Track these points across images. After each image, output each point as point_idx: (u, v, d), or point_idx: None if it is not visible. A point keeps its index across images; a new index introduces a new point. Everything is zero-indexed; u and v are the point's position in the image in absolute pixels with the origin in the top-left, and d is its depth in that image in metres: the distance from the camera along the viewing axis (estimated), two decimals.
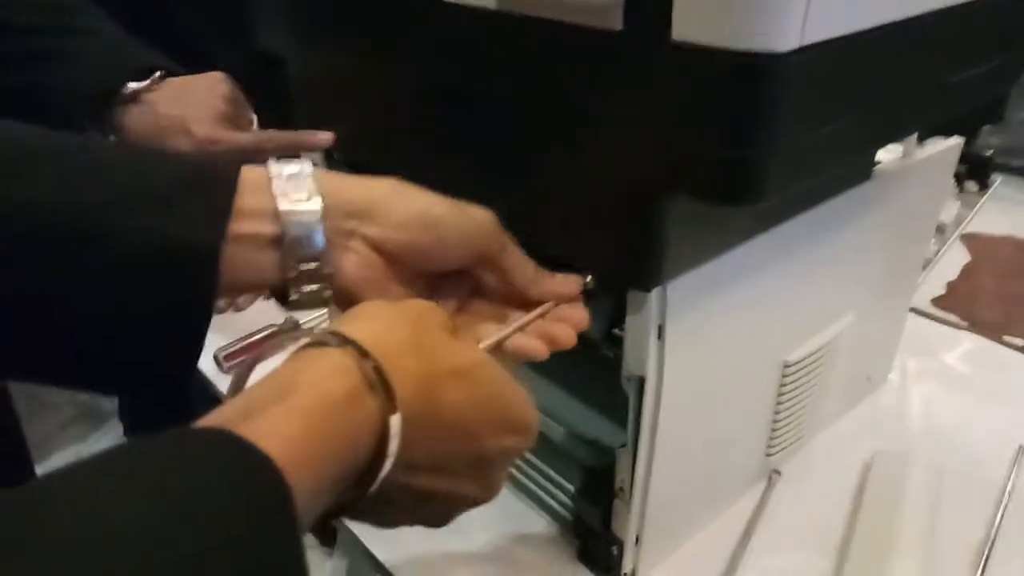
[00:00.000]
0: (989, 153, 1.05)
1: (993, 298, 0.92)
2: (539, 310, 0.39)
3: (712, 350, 0.46)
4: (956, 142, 0.58)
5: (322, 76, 0.58)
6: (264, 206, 0.34)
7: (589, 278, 0.41)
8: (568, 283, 0.41)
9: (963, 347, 0.76)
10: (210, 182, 0.33)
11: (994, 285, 0.94)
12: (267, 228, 0.34)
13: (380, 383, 0.29)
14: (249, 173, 0.34)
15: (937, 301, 0.86)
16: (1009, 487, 0.58)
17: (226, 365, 0.71)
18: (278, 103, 0.75)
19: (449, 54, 0.43)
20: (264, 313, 0.78)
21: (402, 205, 0.37)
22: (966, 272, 0.93)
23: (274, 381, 0.28)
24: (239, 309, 0.79)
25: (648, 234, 0.37)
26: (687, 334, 0.42)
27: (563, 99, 0.38)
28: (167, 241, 0.31)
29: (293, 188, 0.34)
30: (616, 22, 0.33)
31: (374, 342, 0.30)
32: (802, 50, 0.31)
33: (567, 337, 0.39)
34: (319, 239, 0.35)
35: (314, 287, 0.35)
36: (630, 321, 0.41)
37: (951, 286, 0.89)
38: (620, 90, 0.35)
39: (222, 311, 0.78)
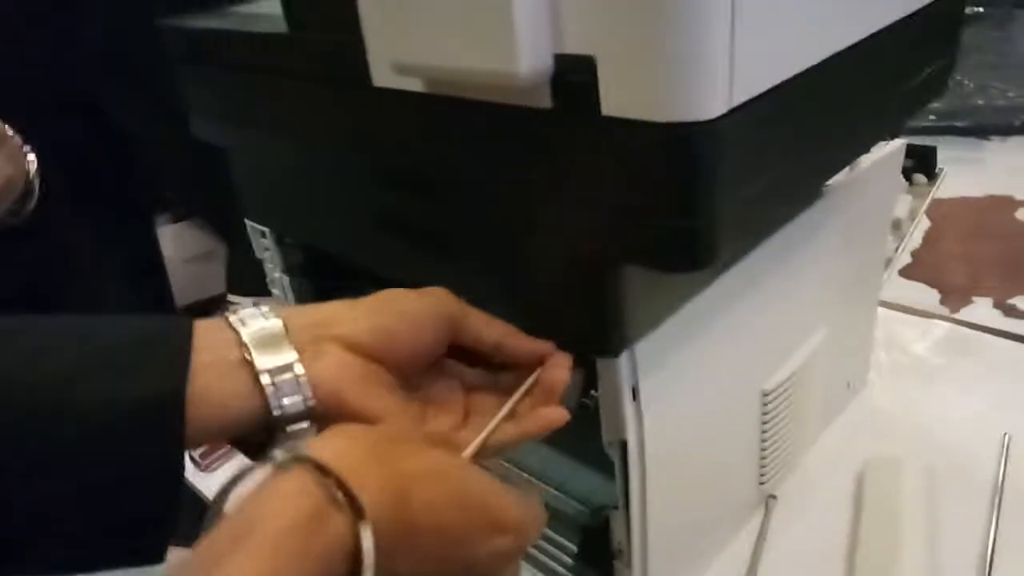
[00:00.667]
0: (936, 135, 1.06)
1: (958, 261, 0.94)
2: (511, 400, 0.39)
3: (689, 399, 0.45)
4: (899, 144, 0.58)
5: (262, 162, 0.57)
6: (225, 336, 0.34)
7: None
8: (540, 344, 0.40)
9: (934, 336, 0.76)
10: (163, 333, 0.33)
11: (958, 248, 0.96)
12: (233, 353, 0.33)
13: (345, 497, 0.28)
14: (202, 320, 0.34)
15: (904, 271, 0.87)
16: (1001, 479, 0.58)
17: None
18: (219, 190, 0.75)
19: (385, 137, 0.42)
20: None
21: (360, 304, 0.37)
22: (929, 239, 0.94)
23: (237, 518, 0.27)
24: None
25: (608, 301, 0.37)
26: (661, 390, 0.42)
27: (504, 176, 0.37)
28: (123, 401, 0.30)
29: (250, 316, 0.35)
30: (544, 100, 0.33)
31: (334, 457, 0.29)
32: (732, 112, 0.30)
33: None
34: (288, 348, 0.34)
35: (296, 399, 0.33)
36: (603, 387, 0.40)
37: (916, 255, 0.91)
38: (558, 166, 0.34)
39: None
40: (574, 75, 0.31)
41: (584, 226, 0.35)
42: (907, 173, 0.99)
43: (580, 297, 0.37)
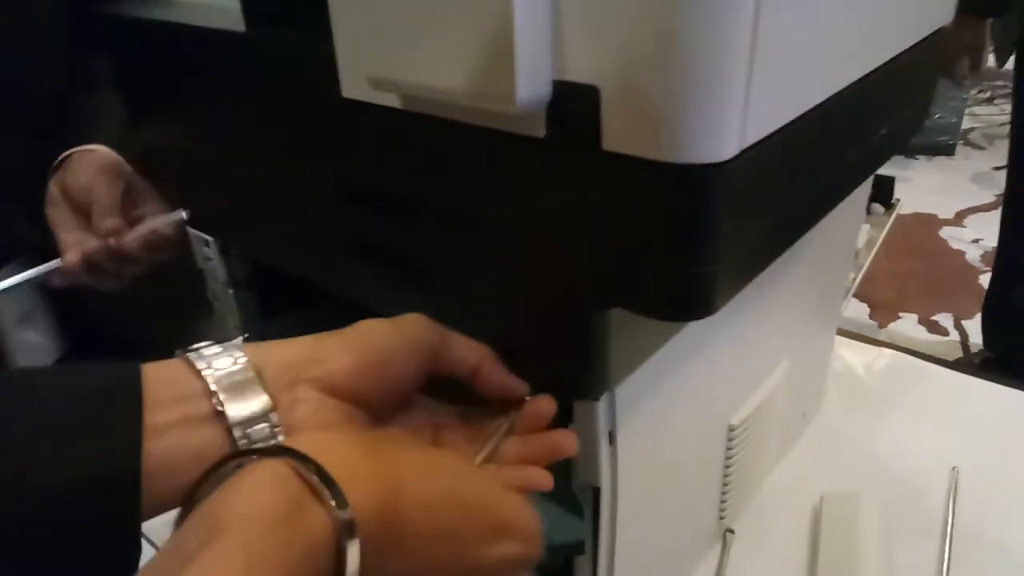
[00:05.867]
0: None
1: (887, 276, 0.96)
2: (513, 416, 0.36)
3: (661, 440, 0.43)
4: None
5: (208, 167, 0.53)
6: (189, 387, 0.30)
7: (527, 398, 0.37)
8: (515, 383, 0.37)
9: (883, 364, 0.76)
10: (110, 392, 0.29)
11: (887, 263, 0.98)
12: (200, 406, 0.29)
13: (326, 486, 0.25)
14: (156, 365, 0.30)
15: None
16: (951, 513, 0.58)
17: None
18: None
19: (353, 153, 0.39)
20: None
21: (334, 340, 0.34)
22: (860, 252, 0.94)
23: (207, 513, 0.25)
24: None
25: (592, 344, 0.34)
26: (637, 432, 0.40)
27: (486, 204, 0.34)
28: (69, 480, 0.26)
29: (216, 357, 0.31)
30: (538, 129, 0.30)
31: (317, 447, 0.26)
32: (742, 152, 0.28)
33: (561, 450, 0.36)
34: (261, 395, 0.30)
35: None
36: (579, 431, 0.38)
37: None
38: (548, 198, 0.32)
39: None
40: (574, 105, 0.29)
41: (572, 265, 0.32)
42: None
43: (562, 337, 0.35)
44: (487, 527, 0.30)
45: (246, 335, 0.61)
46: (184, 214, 0.56)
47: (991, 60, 1.14)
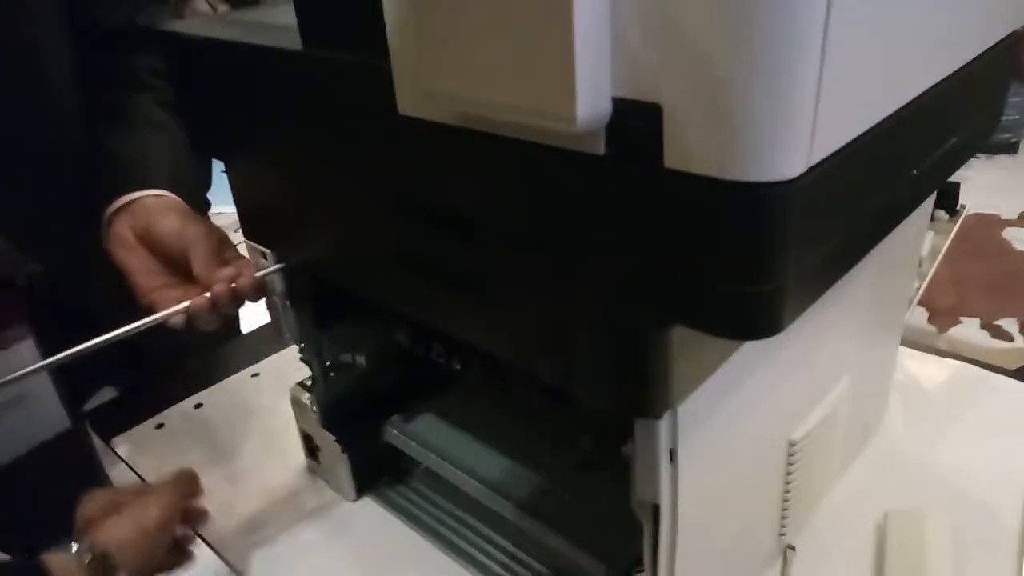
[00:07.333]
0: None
1: (947, 278, 0.92)
2: None
3: (722, 457, 0.42)
4: None
5: (266, 180, 0.54)
6: None
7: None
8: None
9: (946, 375, 0.74)
10: None
11: (945, 266, 0.94)
12: None
13: None
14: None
15: None
16: None
17: None
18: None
19: (409, 169, 0.39)
20: None
21: None
22: (924, 261, 0.92)
23: None
24: None
25: (653, 362, 0.34)
26: (698, 450, 0.39)
27: (544, 222, 0.34)
28: None
29: None
30: (597, 147, 0.30)
31: None
32: (811, 169, 0.27)
33: None
34: None
35: None
36: (639, 449, 0.37)
37: None
38: (609, 217, 0.31)
39: None
40: (635, 123, 0.28)
41: (634, 282, 0.32)
42: None
43: (623, 356, 0.35)
44: None
45: (301, 344, 0.62)
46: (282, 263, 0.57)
47: None
